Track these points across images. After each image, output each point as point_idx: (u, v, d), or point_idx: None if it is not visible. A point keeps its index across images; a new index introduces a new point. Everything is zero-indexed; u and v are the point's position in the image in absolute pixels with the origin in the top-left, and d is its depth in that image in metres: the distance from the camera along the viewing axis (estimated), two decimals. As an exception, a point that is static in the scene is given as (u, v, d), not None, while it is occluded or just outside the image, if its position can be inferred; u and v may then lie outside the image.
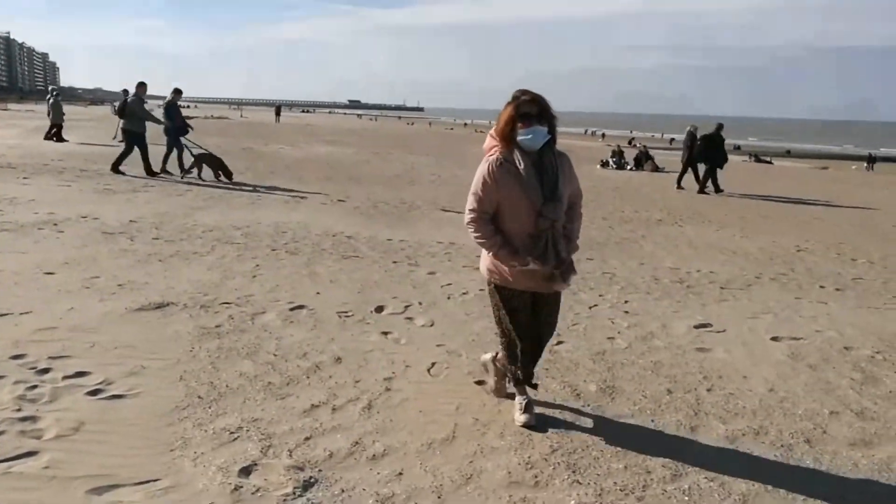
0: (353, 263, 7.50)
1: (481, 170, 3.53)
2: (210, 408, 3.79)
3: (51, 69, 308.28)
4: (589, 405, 4.10)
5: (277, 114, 62.37)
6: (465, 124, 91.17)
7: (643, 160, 25.44)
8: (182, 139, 15.10)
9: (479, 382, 4.35)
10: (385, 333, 5.22)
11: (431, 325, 5.48)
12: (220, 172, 14.40)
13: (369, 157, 23.59)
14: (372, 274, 7.06)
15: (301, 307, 5.76)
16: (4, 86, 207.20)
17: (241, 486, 3.01)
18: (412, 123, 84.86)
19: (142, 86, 14.74)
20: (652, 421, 3.94)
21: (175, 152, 15.07)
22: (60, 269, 6.50)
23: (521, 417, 3.78)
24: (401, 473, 3.22)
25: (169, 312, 5.42)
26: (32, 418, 3.53)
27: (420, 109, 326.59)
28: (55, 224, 8.70)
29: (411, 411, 3.90)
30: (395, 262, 7.65)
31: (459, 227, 10.18)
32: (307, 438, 3.49)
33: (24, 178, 13.08)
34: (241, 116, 66.96)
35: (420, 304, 6.05)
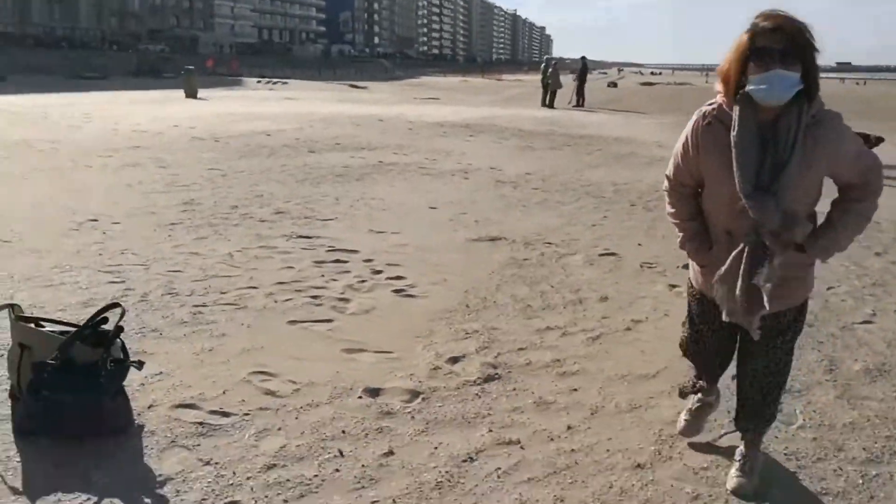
0: (696, 223, 7.46)
1: (687, 126, 2.59)
2: (468, 315, 4.59)
3: (546, 41, 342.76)
4: (842, 381, 3.75)
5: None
6: None
7: None
8: None
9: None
10: (672, 286, 5.33)
11: (726, 286, 5.36)
12: None
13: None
14: (706, 234, 6.97)
15: (612, 254, 6.15)
16: (508, 59, 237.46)
17: (441, 368, 3.76)
18: (915, 87, 71.61)
19: None
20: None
21: None
22: (443, 206, 7.99)
23: (733, 481, 2.77)
24: (576, 390, 3.57)
25: (497, 245, 6.37)
26: (346, 300, 4.80)
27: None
28: (465, 173, 10.44)
29: (633, 350, 4.12)
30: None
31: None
32: (520, 349, 4.05)
33: (470, 135, 15.59)
34: (706, 83, 65.53)
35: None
